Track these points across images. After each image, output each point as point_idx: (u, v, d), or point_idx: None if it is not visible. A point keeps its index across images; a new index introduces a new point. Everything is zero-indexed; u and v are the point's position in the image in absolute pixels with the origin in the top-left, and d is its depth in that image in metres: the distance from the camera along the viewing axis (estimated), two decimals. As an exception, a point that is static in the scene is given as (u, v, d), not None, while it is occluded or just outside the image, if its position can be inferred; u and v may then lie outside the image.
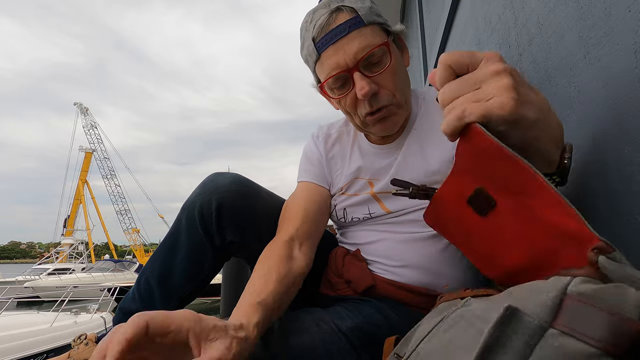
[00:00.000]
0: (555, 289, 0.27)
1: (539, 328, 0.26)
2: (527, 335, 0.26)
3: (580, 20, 0.47)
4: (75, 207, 30.48)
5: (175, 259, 0.79)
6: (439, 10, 1.67)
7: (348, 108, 0.73)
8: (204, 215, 0.75)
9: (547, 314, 0.26)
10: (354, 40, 0.66)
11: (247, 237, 0.77)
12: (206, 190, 0.76)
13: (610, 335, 0.23)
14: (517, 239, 0.37)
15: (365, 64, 0.67)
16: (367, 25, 0.68)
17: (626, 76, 0.39)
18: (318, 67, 0.72)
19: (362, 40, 0.66)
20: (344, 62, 0.67)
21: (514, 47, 0.71)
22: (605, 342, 0.23)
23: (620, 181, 0.41)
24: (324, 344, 0.61)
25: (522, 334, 0.26)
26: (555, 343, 0.25)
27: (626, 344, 0.23)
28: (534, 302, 0.27)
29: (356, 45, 0.66)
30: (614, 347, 0.23)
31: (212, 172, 0.82)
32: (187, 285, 0.79)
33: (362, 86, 0.66)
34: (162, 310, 0.42)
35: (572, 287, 0.27)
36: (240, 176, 0.80)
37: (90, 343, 0.82)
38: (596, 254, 0.29)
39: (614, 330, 0.23)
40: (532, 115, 0.35)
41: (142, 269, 0.85)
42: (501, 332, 0.27)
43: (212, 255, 0.78)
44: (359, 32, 0.67)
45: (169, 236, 0.81)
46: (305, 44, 0.72)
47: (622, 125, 0.40)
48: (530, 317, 0.27)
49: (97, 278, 14.82)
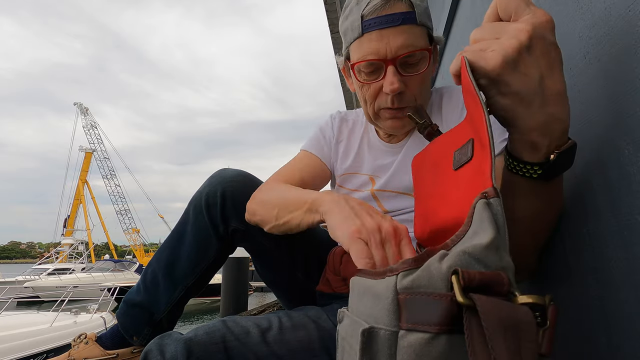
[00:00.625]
0: (388, 291, 0.27)
1: (392, 335, 0.26)
2: (386, 347, 0.26)
3: (580, 20, 0.47)
4: (75, 207, 30.49)
5: (182, 247, 0.81)
6: (439, 10, 1.67)
7: (368, 96, 0.72)
8: (210, 204, 0.78)
9: (393, 318, 0.26)
10: (402, 35, 0.65)
11: (250, 226, 0.79)
12: (212, 182, 0.80)
13: (436, 316, 0.23)
14: (460, 197, 0.36)
15: (402, 61, 0.67)
16: (418, 25, 0.67)
17: (626, 76, 0.39)
18: (355, 44, 0.70)
19: (409, 38, 0.65)
20: (385, 51, 0.66)
21: (514, 47, 0.71)
22: (434, 324, 0.23)
23: (620, 181, 0.41)
24: (322, 340, 0.63)
25: (383, 348, 0.26)
26: (405, 343, 0.25)
27: (449, 319, 0.23)
28: (380, 310, 0.27)
29: (402, 39, 0.65)
30: (443, 326, 0.23)
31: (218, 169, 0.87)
32: (192, 274, 0.81)
33: (393, 82, 0.66)
34: None
35: (399, 284, 0.27)
36: (245, 171, 0.84)
37: (91, 342, 0.82)
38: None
39: (437, 310, 0.23)
40: (516, 86, 0.35)
41: (149, 262, 0.87)
42: (368, 357, 0.27)
43: (217, 243, 0.80)
44: (409, 28, 0.66)
45: (176, 227, 0.84)
46: (349, 16, 0.70)
47: (622, 125, 0.40)
48: (383, 329, 0.27)
49: (97, 278, 14.82)
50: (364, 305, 0.31)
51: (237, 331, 0.60)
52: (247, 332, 0.60)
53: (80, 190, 30.25)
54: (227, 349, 0.57)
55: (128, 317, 0.84)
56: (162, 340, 0.58)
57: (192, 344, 0.56)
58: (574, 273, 0.52)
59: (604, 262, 0.44)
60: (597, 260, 0.46)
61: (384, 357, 0.26)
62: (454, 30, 1.39)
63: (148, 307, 0.82)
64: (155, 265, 0.84)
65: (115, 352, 0.82)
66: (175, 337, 0.58)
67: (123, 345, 0.83)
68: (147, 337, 0.82)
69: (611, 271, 0.43)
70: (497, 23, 0.38)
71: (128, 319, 0.84)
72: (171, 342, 0.57)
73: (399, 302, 0.26)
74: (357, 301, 0.33)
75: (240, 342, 0.59)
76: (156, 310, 0.82)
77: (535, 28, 0.35)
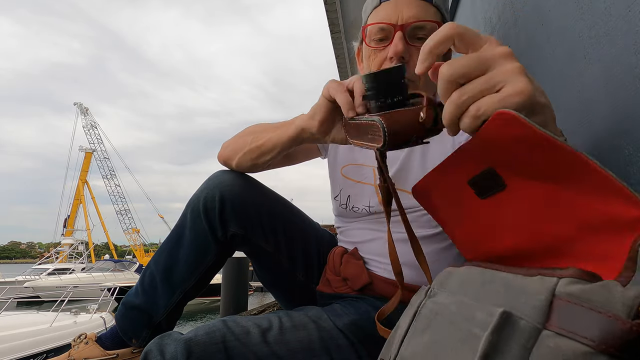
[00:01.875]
0: (544, 290, 0.27)
1: (534, 330, 0.26)
2: (523, 339, 0.26)
3: (580, 20, 0.47)
4: (75, 207, 30.49)
5: (180, 251, 0.80)
6: (439, 10, 1.67)
7: (373, 65, 0.73)
8: (208, 208, 0.77)
9: (540, 316, 0.26)
10: (416, 7, 0.69)
11: (249, 230, 0.78)
12: (210, 185, 0.79)
13: (602, 333, 0.24)
14: (520, 224, 0.37)
15: (412, 31, 0.68)
16: (433, 6, 0.70)
17: (626, 76, 0.39)
18: (372, 14, 0.73)
19: (421, 11, 0.68)
20: (396, 18, 0.68)
21: (514, 47, 0.71)
22: (598, 341, 0.23)
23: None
24: (322, 340, 0.62)
25: (519, 338, 0.26)
26: (551, 344, 0.25)
27: (617, 342, 0.23)
28: (523, 304, 0.28)
29: (414, 10, 0.68)
30: (606, 346, 0.23)
31: (217, 170, 0.85)
32: (190, 279, 0.80)
33: (397, 45, 0.67)
34: None
35: (560, 288, 0.27)
36: (244, 173, 0.82)
37: (91, 342, 0.82)
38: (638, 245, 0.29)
39: (605, 329, 0.24)
40: (543, 99, 0.34)
41: (147, 263, 0.86)
42: (498, 338, 0.27)
43: (216, 248, 0.79)
44: (424, 4, 0.69)
45: (174, 230, 0.83)
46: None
47: (622, 125, 0.40)
48: (524, 320, 0.27)
49: (97, 278, 14.82)
50: (491, 293, 0.31)
51: (237, 331, 0.60)
52: (247, 332, 0.60)
53: (80, 190, 30.25)
54: (227, 349, 0.57)
55: (127, 320, 0.84)
56: (162, 340, 0.58)
57: (192, 344, 0.56)
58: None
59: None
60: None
61: (516, 345, 0.26)
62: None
63: (146, 310, 0.82)
64: (153, 268, 0.83)
65: (115, 352, 0.81)
66: (175, 337, 0.58)
67: (123, 345, 0.83)
68: (146, 340, 0.81)
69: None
70: (471, 55, 0.35)
71: (127, 322, 0.83)
72: (171, 342, 0.57)
73: (552, 304, 0.26)
74: (471, 287, 0.34)
75: (240, 342, 0.59)
76: (155, 313, 0.81)
77: (514, 58, 0.34)
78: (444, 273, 0.40)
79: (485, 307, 0.29)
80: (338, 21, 3.15)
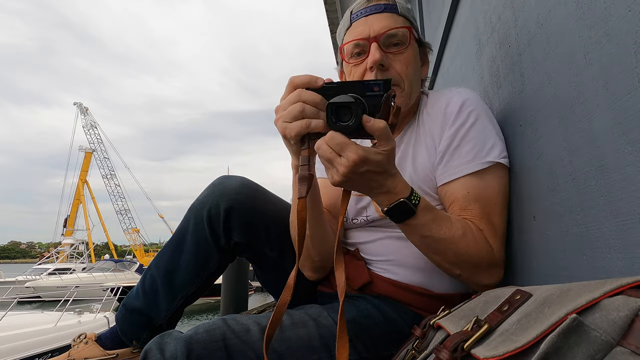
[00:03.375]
0: (626, 309, 0.27)
1: (606, 344, 0.26)
2: (592, 350, 0.26)
3: (580, 20, 0.47)
4: (75, 207, 30.52)
5: (182, 256, 0.80)
6: (439, 10, 1.67)
7: (355, 78, 0.78)
8: (212, 216, 0.76)
9: (617, 332, 0.26)
10: (384, 19, 0.75)
11: (254, 239, 0.78)
12: (215, 192, 0.78)
13: None
14: None
15: (385, 39, 0.74)
16: (400, 15, 0.77)
17: (626, 76, 0.39)
18: (347, 35, 0.79)
19: (390, 21, 0.75)
20: (368, 32, 0.75)
21: (514, 47, 0.71)
22: None
23: (621, 182, 0.41)
24: (321, 337, 0.63)
25: (587, 348, 0.26)
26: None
27: None
28: (600, 317, 0.27)
29: (384, 22, 0.75)
30: None
31: (221, 175, 0.84)
32: (192, 284, 0.80)
33: (374, 54, 0.73)
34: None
35: None
36: (248, 179, 0.81)
37: (90, 342, 0.82)
38: None
39: None
40: (355, 188, 0.58)
41: (148, 266, 0.86)
42: (563, 342, 0.27)
43: (218, 255, 0.79)
44: (391, 15, 0.76)
45: (176, 235, 0.82)
46: (342, 21, 0.82)
47: (622, 125, 0.40)
48: (597, 332, 0.26)
49: (98, 278, 14.84)
50: (567, 299, 0.31)
51: (237, 329, 0.60)
52: (247, 329, 0.60)
53: (80, 190, 30.27)
54: (227, 346, 0.57)
55: (127, 322, 0.83)
56: (162, 338, 0.58)
57: (192, 342, 0.56)
58: (574, 274, 0.52)
59: (604, 262, 0.44)
60: (597, 261, 0.46)
61: (582, 354, 0.26)
62: (454, 30, 1.39)
63: (147, 313, 0.82)
64: (154, 271, 0.82)
65: (115, 352, 0.81)
66: (175, 335, 0.58)
67: (123, 345, 0.83)
68: (146, 342, 0.81)
69: (611, 272, 0.43)
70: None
71: (127, 324, 0.83)
72: (171, 340, 0.57)
73: (632, 323, 0.26)
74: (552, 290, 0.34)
75: (240, 340, 0.59)
76: (155, 316, 0.81)
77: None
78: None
79: (556, 309, 0.29)
80: (338, 21, 3.16)
